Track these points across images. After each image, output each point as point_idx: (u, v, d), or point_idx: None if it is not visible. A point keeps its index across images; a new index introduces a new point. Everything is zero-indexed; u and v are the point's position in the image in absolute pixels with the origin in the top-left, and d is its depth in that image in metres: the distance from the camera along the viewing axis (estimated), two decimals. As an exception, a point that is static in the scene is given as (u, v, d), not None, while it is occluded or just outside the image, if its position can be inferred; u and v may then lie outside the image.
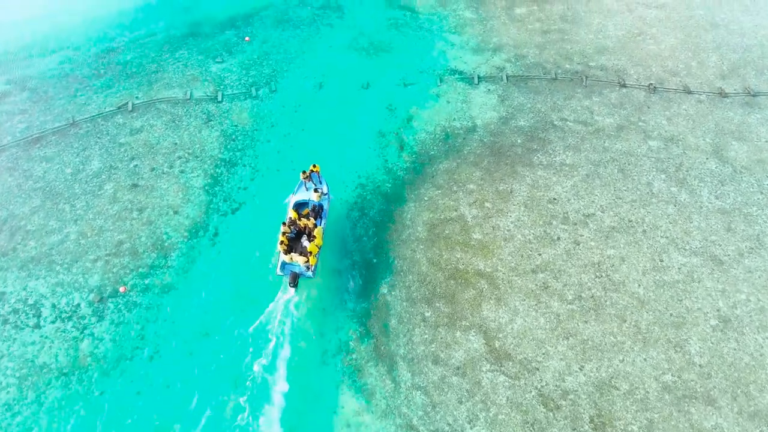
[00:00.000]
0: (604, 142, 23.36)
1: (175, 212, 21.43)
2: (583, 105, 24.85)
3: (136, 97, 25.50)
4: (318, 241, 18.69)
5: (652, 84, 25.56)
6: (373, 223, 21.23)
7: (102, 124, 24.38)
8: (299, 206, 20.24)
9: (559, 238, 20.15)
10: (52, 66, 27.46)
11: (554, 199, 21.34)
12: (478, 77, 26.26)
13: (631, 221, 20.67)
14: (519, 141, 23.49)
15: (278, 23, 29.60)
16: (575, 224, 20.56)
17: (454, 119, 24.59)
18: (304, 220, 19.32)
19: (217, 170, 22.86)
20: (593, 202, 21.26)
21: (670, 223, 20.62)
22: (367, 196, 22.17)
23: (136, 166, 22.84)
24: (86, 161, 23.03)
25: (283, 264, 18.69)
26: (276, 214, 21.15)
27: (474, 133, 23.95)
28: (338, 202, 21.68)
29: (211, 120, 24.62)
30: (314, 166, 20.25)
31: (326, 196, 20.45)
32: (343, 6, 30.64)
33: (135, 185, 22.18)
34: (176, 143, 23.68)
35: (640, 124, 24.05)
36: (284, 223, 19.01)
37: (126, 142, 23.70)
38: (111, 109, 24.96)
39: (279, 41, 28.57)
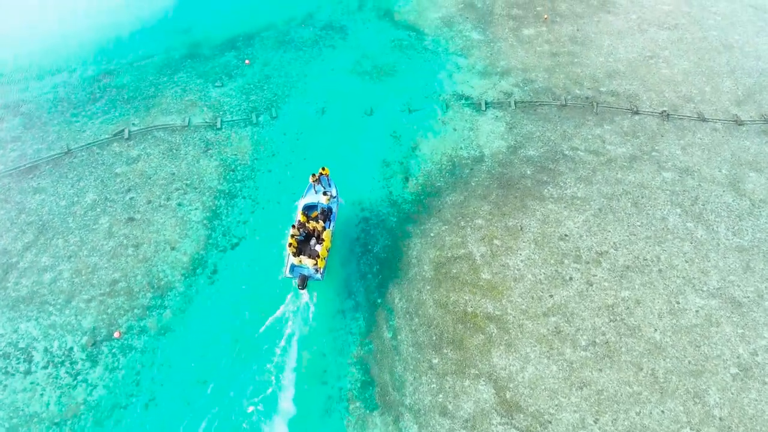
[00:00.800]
0: (617, 173, 22.80)
1: (173, 248, 20.90)
2: (595, 133, 24.30)
3: (133, 124, 25.00)
4: (327, 243, 19.10)
5: (665, 111, 25.01)
6: (377, 260, 20.68)
7: (97, 153, 23.88)
8: (308, 209, 20.49)
9: (571, 279, 19.58)
10: (46, 89, 26.99)
11: (566, 235, 20.78)
12: (486, 103, 25.73)
13: (646, 260, 20.09)
14: (528, 172, 22.94)
15: (280, 44, 29.12)
16: (588, 263, 19.99)
17: (461, 148, 24.06)
18: (313, 223, 19.64)
19: (216, 202, 22.34)
20: (606, 238, 20.69)
21: (687, 261, 20.04)
22: (371, 231, 21.63)
23: (132, 198, 22.32)
24: (81, 193, 22.52)
25: (292, 266, 18.98)
26: (277, 248, 20.68)
27: (482, 163, 23.41)
28: (343, 236, 21.16)
29: (209, 148, 24.11)
30: (323, 168, 20.46)
31: (335, 199, 20.65)
32: (347, 26, 30.16)
33: (131, 219, 21.65)
34: (174, 174, 23.16)
35: (653, 154, 23.50)
36: (293, 226, 19.32)
37: (122, 172, 23.18)
38: (107, 136, 24.46)
39: (280, 64, 28.08)
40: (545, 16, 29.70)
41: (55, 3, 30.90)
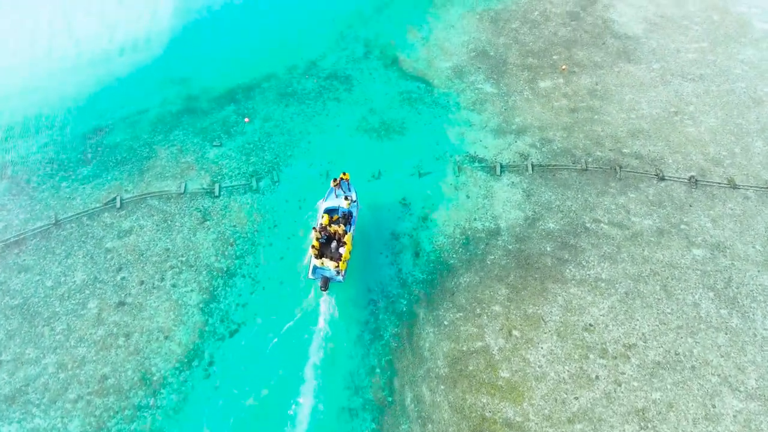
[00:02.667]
0: (644, 250, 21.72)
1: (166, 337, 19.89)
2: (618, 203, 23.24)
3: (126, 190, 24.05)
4: (348, 246, 20.14)
5: (693, 177, 23.96)
6: (387, 351, 19.65)
7: (87, 225, 22.92)
8: (329, 212, 21.47)
9: (597, 377, 18.47)
10: (34, 149, 26.09)
11: (590, 325, 19.69)
12: (501, 166, 24.72)
13: (677, 354, 18.99)
14: (548, 249, 21.88)
15: (281, 97, 28.18)
16: (615, 358, 18.90)
17: (475, 219, 23.02)
18: (334, 226, 20.67)
19: (213, 283, 21.34)
20: (634, 328, 19.60)
21: (722, 356, 18.94)
22: (380, 315, 20.61)
23: (123, 278, 21.33)
24: (69, 271, 21.55)
25: (315, 268, 20.05)
26: (278, 335, 19.74)
27: (497, 237, 22.36)
28: (350, 319, 20.24)
29: (207, 219, 23.13)
30: (344, 174, 21.77)
31: (355, 204, 21.66)
32: (352, 76, 29.22)
33: (122, 303, 20.65)
34: (168, 249, 22.17)
35: (682, 227, 22.42)
36: (315, 229, 20.57)
37: (113, 247, 22.20)
38: (98, 205, 23.52)
39: (282, 119, 27.13)
40: (563, 67, 28.72)
41: (43, 53, 30.00)
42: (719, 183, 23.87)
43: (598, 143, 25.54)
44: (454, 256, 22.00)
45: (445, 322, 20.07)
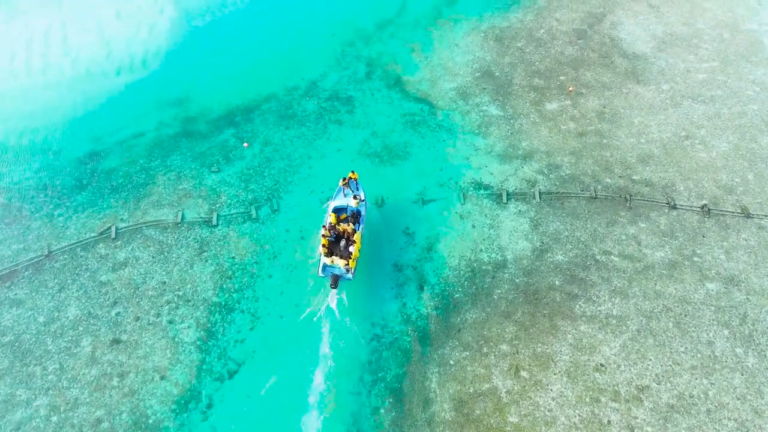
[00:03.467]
0: (656, 284, 21.18)
1: (162, 377, 19.35)
2: (629, 233, 22.71)
3: (121, 219, 23.55)
4: (358, 245, 20.52)
5: (705, 205, 23.43)
6: (390, 391, 19.12)
7: (81, 256, 22.40)
8: (338, 211, 21.81)
9: (609, 422, 17.93)
10: (28, 174, 25.61)
11: (601, 365, 19.14)
12: (507, 194, 24.19)
13: (692, 396, 18.44)
14: (557, 283, 21.34)
15: (281, 119, 27.68)
16: (627, 401, 18.34)
17: (481, 250, 22.49)
18: (343, 225, 21.00)
19: (211, 318, 20.82)
20: (647, 369, 19.05)
21: (738, 398, 18.39)
22: (384, 353, 20.08)
23: (118, 314, 20.81)
24: (62, 306, 21.03)
25: (324, 266, 20.42)
26: (277, 373, 19.24)
27: (504, 270, 21.82)
28: (352, 359, 19.71)
29: (204, 250, 22.61)
30: (352, 173, 22.14)
31: (363, 203, 21.98)
32: (354, 98, 28.73)
33: (116, 341, 20.13)
34: (165, 282, 21.65)
35: (695, 259, 21.88)
36: (324, 227, 20.79)
37: (107, 280, 21.69)
38: (92, 235, 23.01)
39: (282, 143, 26.63)
40: (570, 89, 28.21)
41: (39, 71, 29.52)
42: (732, 212, 23.34)
43: (607, 169, 25.01)
44: (459, 289, 21.47)
45: (451, 362, 19.52)
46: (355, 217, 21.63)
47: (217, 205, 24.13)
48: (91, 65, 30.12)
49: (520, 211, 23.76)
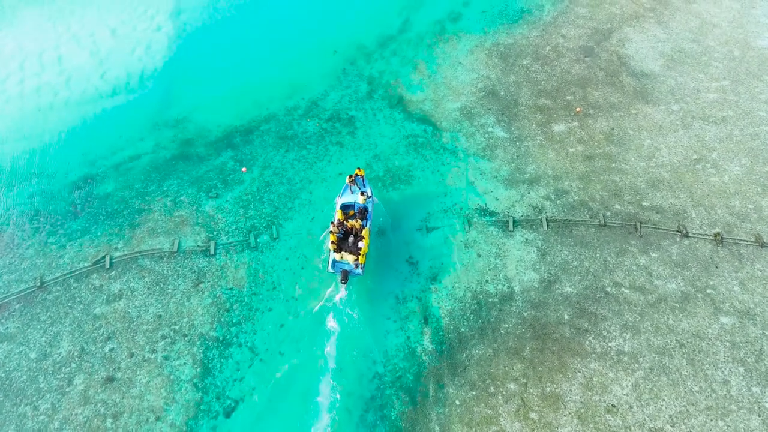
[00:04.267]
0: (668, 318, 20.61)
1: (157, 418, 18.81)
2: (640, 263, 22.14)
3: (116, 248, 23.01)
4: (366, 240, 20.99)
5: (718, 234, 22.86)
6: (394, 433, 18.51)
7: (74, 287, 21.87)
8: (345, 208, 22.32)
9: (622, 468, 17.33)
10: (21, 199, 25.08)
11: (613, 406, 18.56)
12: (514, 221, 23.64)
13: (708, 440, 17.84)
14: (566, 317, 20.77)
15: (281, 141, 27.16)
16: (641, 445, 17.75)
17: (487, 281, 21.93)
18: (351, 221, 21.47)
19: (208, 354, 20.27)
20: (660, 410, 18.47)
21: (756, 442, 17.78)
22: (386, 391, 19.53)
23: (112, 349, 20.26)
24: (54, 341, 20.49)
25: (334, 262, 20.69)
26: (275, 420, 18.66)
27: (511, 302, 21.26)
28: (355, 396, 19.11)
29: (201, 281, 22.06)
30: (359, 169, 22.91)
31: (371, 199, 22.47)
32: (355, 118, 28.20)
33: (110, 379, 19.57)
34: (160, 316, 21.10)
35: (708, 291, 21.31)
36: (332, 223, 21.21)
37: (101, 314, 21.14)
38: (86, 265, 22.47)
39: (282, 166, 26.10)
40: (577, 109, 27.67)
41: (30, 95, 29.00)
42: (746, 241, 22.78)
43: (616, 195, 24.45)
44: (465, 323, 20.90)
45: (457, 402, 18.95)
46: (363, 213, 21.96)
47: (215, 233, 23.58)
48: (85, 84, 29.60)
49: (527, 239, 23.20)
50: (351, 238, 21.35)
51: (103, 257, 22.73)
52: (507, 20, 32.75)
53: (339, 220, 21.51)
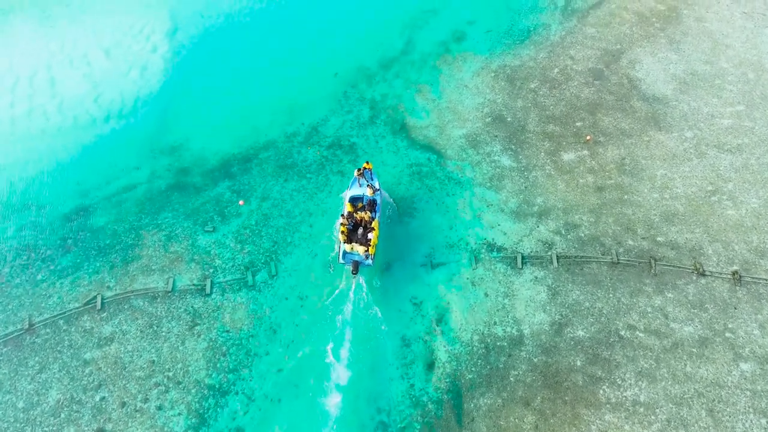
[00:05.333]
0: (686, 365, 19.84)
1: (150, 474, 18.02)
2: (655, 305, 21.37)
3: (108, 287, 22.29)
4: (376, 231, 21.64)
5: (736, 272, 22.10)
6: (398, 491, 17.72)
7: (64, 330, 21.14)
8: (354, 200, 22.89)
9: None
10: (10, 233, 24.37)
11: (629, 463, 17.77)
12: (522, 258, 22.88)
13: (730, 500, 17.04)
14: (578, 363, 20.00)
15: (280, 170, 26.43)
16: (659, 506, 16.96)
17: (495, 323, 21.17)
18: (360, 213, 22.16)
19: (203, 403, 19.53)
20: (679, 467, 17.67)
21: (781, 502, 16.97)
22: (390, 443, 18.71)
23: (102, 398, 19.51)
24: (43, 389, 19.76)
25: (345, 253, 21.34)
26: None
27: (521, 347, 20.50)
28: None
29: (197, 323, 21.32)
30: (367, 163, 23.35)
31: (379, 191, 23.01)
32: (357, 145, 27.48)
33: (101, 431, 18.77)
34: (154, 361, 20.36)
35: (727, 335, 20.54)
36: (342, 215, 22.03)
37: (92, 359, 20.41)
38: (76, 305, 21.75)
39: (281, 198, 25.37)
40: (588, 137, 26.92)
41: (21, 120, 28.28)
42: (766, 279, 21.99)
43: (629, 229, 23.68)
44: (472, 369, 20.14)
45: (465, 458, 18.18)
46: (371, 205, 22.53)
47: (211, 270, 22.85)
48: (79, 109, 28.91)
49: (536, 277, 22.44)
50: (360, 230, 21.94)
51: (95, 297, 22.01)
52: (513, 40, 32.01)
53: (348, 212, 22.15)
